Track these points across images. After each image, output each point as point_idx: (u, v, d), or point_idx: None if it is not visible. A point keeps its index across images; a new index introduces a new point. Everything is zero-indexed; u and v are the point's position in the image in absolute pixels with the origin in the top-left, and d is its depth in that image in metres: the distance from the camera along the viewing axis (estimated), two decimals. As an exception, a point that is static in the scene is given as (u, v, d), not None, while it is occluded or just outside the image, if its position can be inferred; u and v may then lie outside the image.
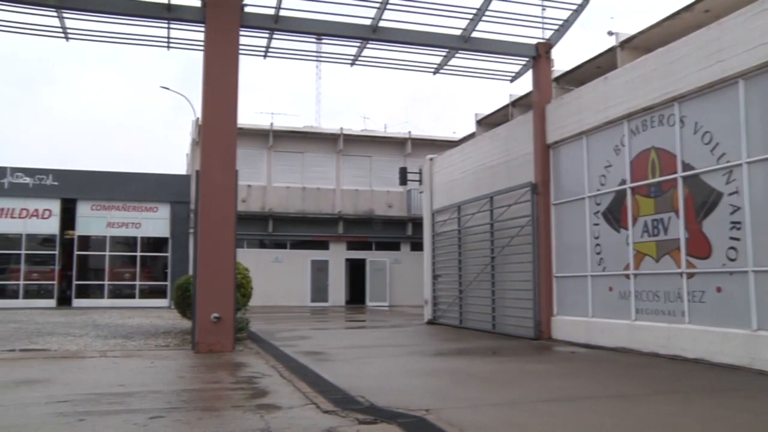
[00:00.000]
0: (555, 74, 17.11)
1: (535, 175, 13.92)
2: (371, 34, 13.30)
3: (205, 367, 9.48)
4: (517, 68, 15.07)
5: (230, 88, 11.73)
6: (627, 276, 11.42)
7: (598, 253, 12.27)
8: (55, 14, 12.14)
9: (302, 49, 14.24)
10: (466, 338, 14.36)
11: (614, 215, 11.91)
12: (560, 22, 13.98)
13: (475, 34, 13.74)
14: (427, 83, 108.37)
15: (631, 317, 11.23)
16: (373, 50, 14.09)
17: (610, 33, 17.12)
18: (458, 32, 13.73)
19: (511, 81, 15.50)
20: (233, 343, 11.26)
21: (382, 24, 13.20)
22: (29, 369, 9.16)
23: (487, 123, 23.25)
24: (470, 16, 13.37)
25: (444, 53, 14.38)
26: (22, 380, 8.08)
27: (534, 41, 14.18)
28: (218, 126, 11.63)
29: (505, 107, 22.34)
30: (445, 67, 14.88)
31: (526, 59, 14.53)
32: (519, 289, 14.29)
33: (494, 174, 15.78)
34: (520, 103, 21.54)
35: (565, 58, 37.45)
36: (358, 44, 13.82)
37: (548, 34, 14.24)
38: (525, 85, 17.76)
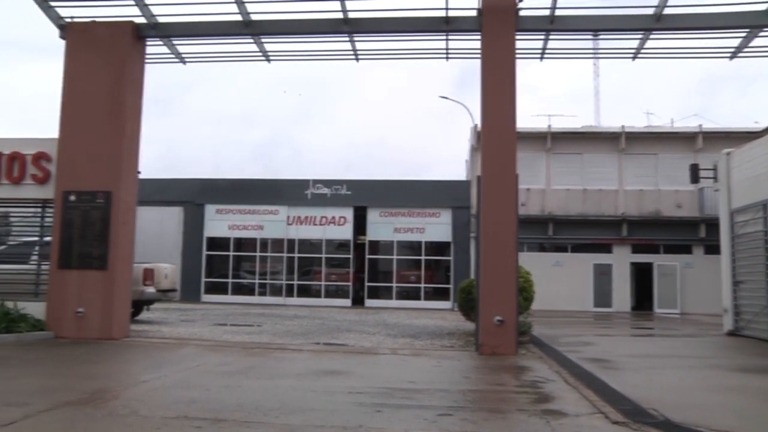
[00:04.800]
0: None
1: None
2: (654, 23, 12.40)
3: (489, 369, 9.63)
4: None
5: (508, 93, 11.83)
6: None
7: None
8: (347, 39, 13.29)
9: (579, 47, 13.81)
10: (777, 353, 12.75)
11: None
12: None
13: (786, 6, 12.05)
14: (719, 70, 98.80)
15: None
16: (656, 40, 13.11)
17: None
18: (763, 7, 12.13)
19: (836, 55, 13.31)
20: (516, 346, 11.28)
21: (666, 11, 12.22)
22: (332, 361, 10.10)
23: (797, 109, 20.47)
24: (779, -15, 11.74)
25: (743, 34, 12.84)
26: (328, 371, 8.96)
27: None
28: (498, 131, 11.78)
29: (820, 89, 19.47)
30: (745, 50, 13.24)
31: None
32: (844, 299, 12.30)
33: (808, 166, 13.81)
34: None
35: None
36: (639, 36, 12.98)
37: None
38: None
